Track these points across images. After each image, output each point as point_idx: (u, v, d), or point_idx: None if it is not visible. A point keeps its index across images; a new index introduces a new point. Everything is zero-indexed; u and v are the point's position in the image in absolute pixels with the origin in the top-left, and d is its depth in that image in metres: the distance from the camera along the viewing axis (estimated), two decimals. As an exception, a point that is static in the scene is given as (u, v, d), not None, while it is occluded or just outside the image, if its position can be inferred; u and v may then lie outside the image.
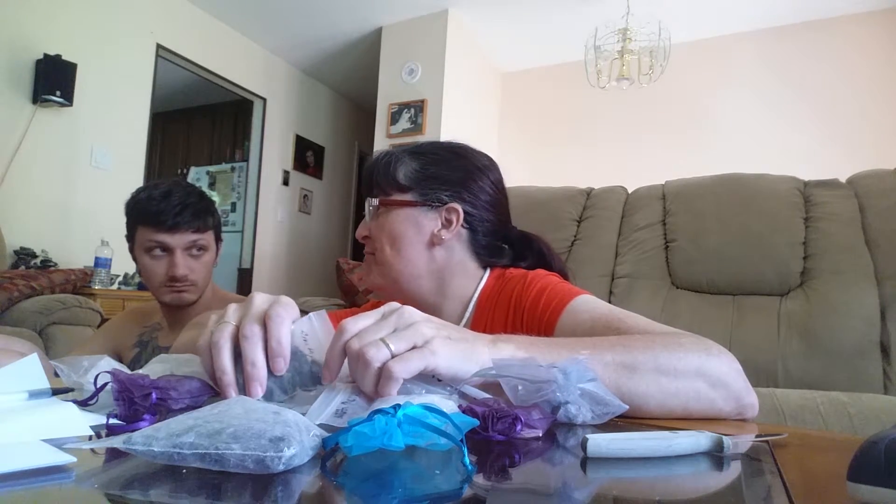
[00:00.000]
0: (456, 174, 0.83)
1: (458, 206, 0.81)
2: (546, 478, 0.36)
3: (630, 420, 0.50)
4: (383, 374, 0.42)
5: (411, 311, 0.47)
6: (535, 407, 0.43)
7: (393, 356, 0.43)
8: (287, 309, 0.47)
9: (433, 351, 0.44)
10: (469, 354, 0.47)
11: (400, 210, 0.81)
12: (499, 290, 0.82)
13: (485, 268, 0.86)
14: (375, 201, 0.82)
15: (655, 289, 1.60)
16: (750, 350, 1.38)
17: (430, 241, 0.81)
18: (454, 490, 0.31)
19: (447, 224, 0.81)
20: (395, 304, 0.48)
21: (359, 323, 0.46)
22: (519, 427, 0.40)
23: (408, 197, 0.81)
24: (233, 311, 0.48)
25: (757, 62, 4.08)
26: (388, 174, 0.82)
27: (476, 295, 0.83)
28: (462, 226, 0.82)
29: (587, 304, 0.71)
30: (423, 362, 0.43)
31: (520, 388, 0.45)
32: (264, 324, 0.46)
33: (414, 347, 0.44)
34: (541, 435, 0.41)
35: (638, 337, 0.57)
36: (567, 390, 0.44)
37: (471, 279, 0.84)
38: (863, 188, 1.55)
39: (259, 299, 0.48)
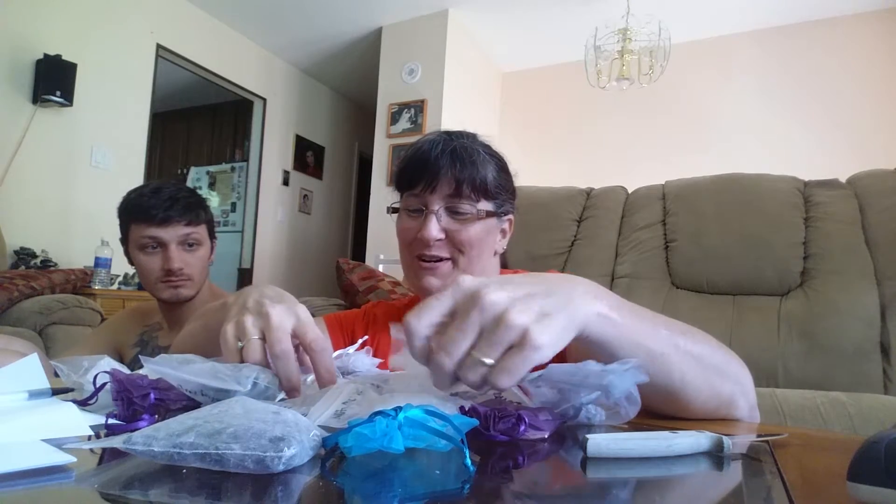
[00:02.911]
0: (510, 183, 0.83)
1: (512, 217, 0.83)
2: (546, 478, 0.36)
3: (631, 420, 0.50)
4: (490, 384, 0.38)
5: (491, 298, 0.39)
6: (542, 408, 0.43)
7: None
8: (319, 332, 0.48)
9: (535, 346, 0.37)
10: (566, 323, 0.40)
11: (483, 220, 0.77)
12: None
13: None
14: (465, 205, 0.76)
15: (655, 289, 1.59)
16: (750, 350, 1.38)
17: (493, 252, 0.82)
18: (454, 490, 0.31)
19: (503, 234, 0.83)
20: (465, 287, 0.41)
21: (424, 318, 0.40)
22: (522, 428, 0.39)
23: (490, 207, 0.78)
24: (251, 324, 0.47)
25: (757, 62, 4.08)
26: (475, 178, 0.75)
27: None
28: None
29: None
30: (529, 364, 0.38)
31: (545, 389, 0.44)
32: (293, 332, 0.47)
33: (511, 347, 0.38)
34: (546, 436, 0.41)
35: (697, 330, 0.54)
36: (611, 394, 0.42)
37: None
38: (863, 188, 1.55)
39: (277, 315, 0.47)
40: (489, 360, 0.37)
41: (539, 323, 0.38)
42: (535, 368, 0.40)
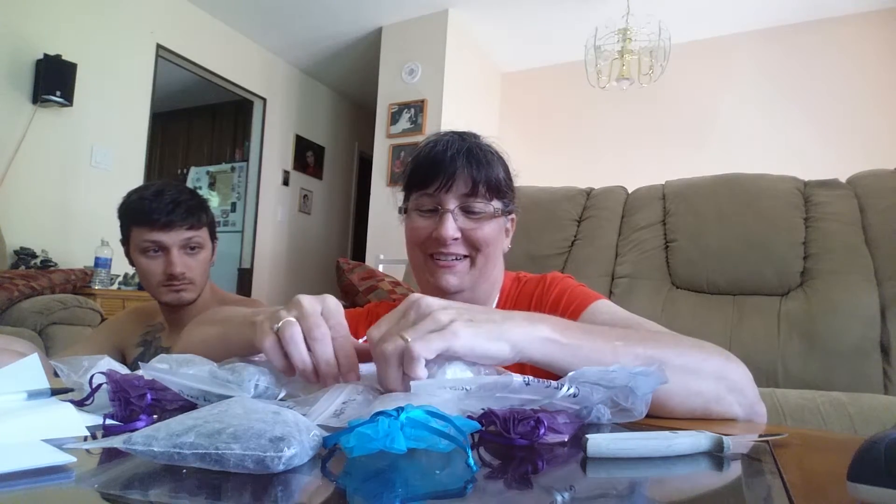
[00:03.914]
0: (513, 183, 0.84)
1: (515, 217, 0.84)
2: (545, 477, 0.36)
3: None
4: (405, 356, 0.42)
5: (428, 301, 0.46)
6: (561, 411, 0.42)
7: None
8: (343, 321, 0.49)
9: (453, 332, 0.43)
10: (496, 334, 0.45)
11: (497, 219, 0.79)
12: (517, 293, 0.84)
13: None
14: (480, 204, 0.77)
15: (655, 289, 1.59)
16: (750, 350, 1.38)
17: (502, 251, 0.84)
18: (455, 490, 0.31)
19: (507, 233, 0.84)
20: (413, 297, 0.48)
21: (381, 328, 0.46)
22: (542, 430, 0.38)
23: (501, 206, 0.80)
24: (285, 313, 0.49)
25: (757, 62, 4.08)
26: (490, 178, 0.77)
27: (496, 298, 0.85)
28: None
29: (608, 307, 0.75)
30: (445, 342, 0.43)
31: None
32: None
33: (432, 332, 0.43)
34: (566, 440, 0.40)
35: (666, 334, 0.58)
36: (627, 396, 0.44)
37: (497, 283, 0.86)
38: (863, 188, 1.55)
39: (307, 301, 0.49)
40: (409, 337, 0.42)
41: (462, 321, 0.44)
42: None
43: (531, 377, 0.41)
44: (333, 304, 0.50)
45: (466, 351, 0.44)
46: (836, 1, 3.74)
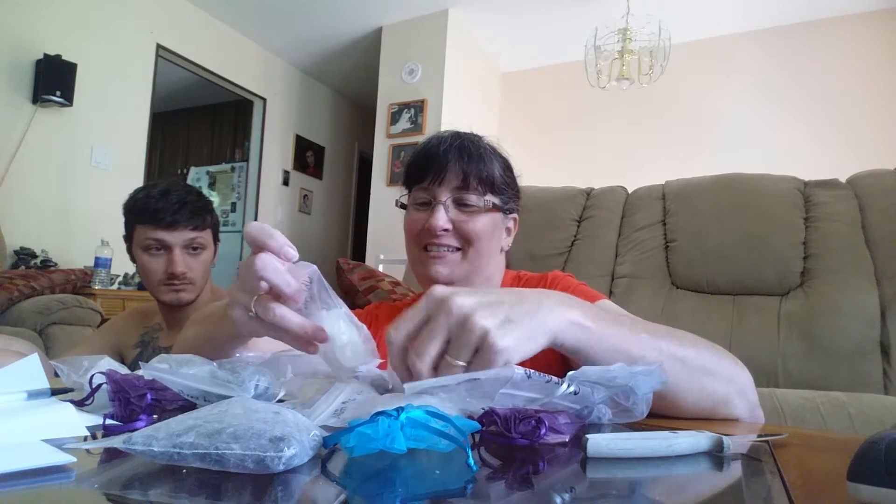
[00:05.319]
0: (515, 183, 0.84)
1: (517, 217, 0.85)
2: (546, 477, 0.36)
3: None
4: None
5: (458, 303, 0.41)
6: (562, 411, 0.42)
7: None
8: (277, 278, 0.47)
9: (497, 350, 0.40)
10: (537, 331, 0.43)
11: (490, 213, 0.79)
12: None
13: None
14: (472, 197, 0.77)
15: (655, 289, 1.59)
16: (750, 350, 1.38)
17: (500, 248, 0.84)
18: (455, 490, 0.31)
19: (507, 232, 0.85)
20: (436, 294, 0.43)
21: (401, 329, 0.42)
22: (543, 430, 0.38)
23: (497, 201, 0.80)
24: (237, 289, 0.50)
25: (757, 62, 4.08)
26: (482, 171, 0.77)
27: None
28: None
29: (610, 307, 0.75)
30: (493, 366, 0.40)
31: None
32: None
33: (477, 350, 0.40)
34: (567, 440, 0.40)
35: (686, 333, 0.56)
36: (626, 396, 0.44)
37: (492, 280, 0.86)
38: (863, 188, 1.55)
39: (242, 267, 0.49)
40: (461, 362, 0.40)
41: (501, 328, 0.41)
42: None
43: (532, 370, 0.40)
44: (264, 260, 0.47)
45: (512, 361, 0.41)
46: (836, 1, 3.74)
